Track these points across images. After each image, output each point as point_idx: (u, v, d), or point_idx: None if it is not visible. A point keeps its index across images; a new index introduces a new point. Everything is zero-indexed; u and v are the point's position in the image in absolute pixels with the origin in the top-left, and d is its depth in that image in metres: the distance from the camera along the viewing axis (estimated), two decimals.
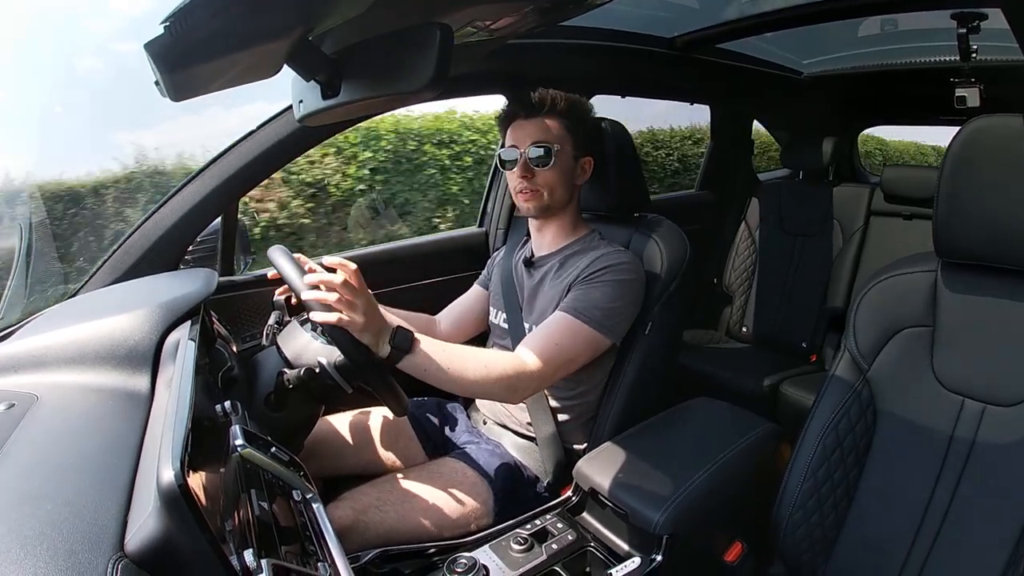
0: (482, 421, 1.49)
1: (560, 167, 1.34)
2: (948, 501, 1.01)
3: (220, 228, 1.51)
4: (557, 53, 1.78)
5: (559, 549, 1.11)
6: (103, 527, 0.55)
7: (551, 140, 1.33)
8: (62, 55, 4.10)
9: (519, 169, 1.34)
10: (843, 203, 2.52)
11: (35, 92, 3.78)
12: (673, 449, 1.27)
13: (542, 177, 1.34)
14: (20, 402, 0.80)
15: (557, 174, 1.34)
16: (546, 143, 1.32)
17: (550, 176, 1.34)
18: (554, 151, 1.32)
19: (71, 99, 4.00)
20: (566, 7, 1.19)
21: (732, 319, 2.75)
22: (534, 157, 1.32)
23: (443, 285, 1.89)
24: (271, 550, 0.67)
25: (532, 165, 1.33)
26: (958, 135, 1.00)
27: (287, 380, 1.04)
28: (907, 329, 1.08)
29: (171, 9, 0.62)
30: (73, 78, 4.11)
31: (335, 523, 0.88)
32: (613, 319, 1.27)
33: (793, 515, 1.11)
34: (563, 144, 1.34)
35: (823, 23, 1.83)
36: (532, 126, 1.34)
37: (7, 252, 1.36)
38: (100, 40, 4.83)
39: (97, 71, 4.58)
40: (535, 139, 1.33)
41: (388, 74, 0.76)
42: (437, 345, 1.10)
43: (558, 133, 1.34)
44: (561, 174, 1.35)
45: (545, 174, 1.34)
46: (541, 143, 1.32)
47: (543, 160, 1.32)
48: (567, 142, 1.35)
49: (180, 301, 1.01)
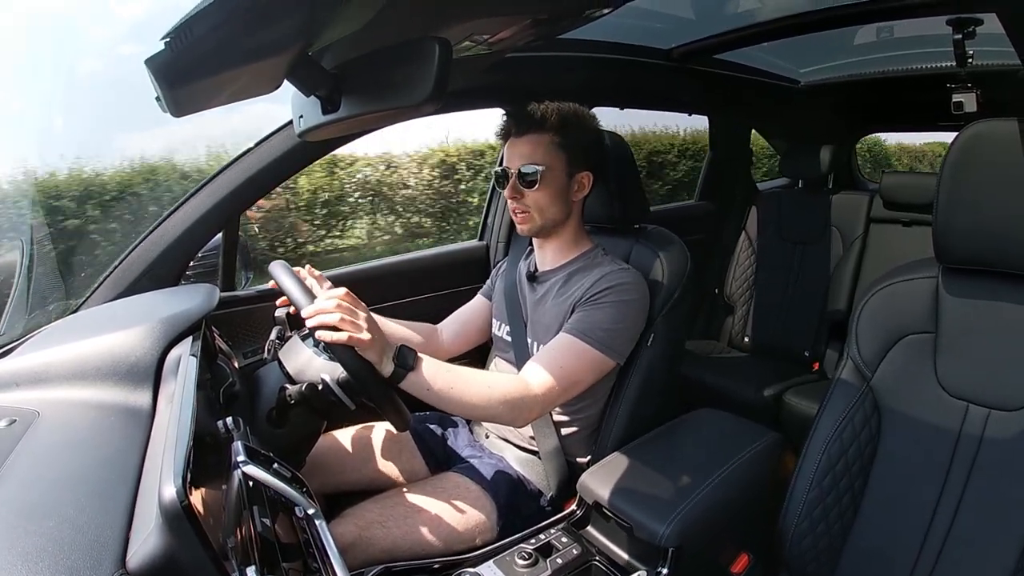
0: (484, 435, 1.48)
1: (550, 187, 1.32)
2: (954, 508, 1.00)
3: (221, 243, 1.52)
4: (556, 66, 1.79)
5: (564, 563, 1.10)
6: (105, 544, 0.55)
7: (539, 160, 1.30)
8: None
9: (508, 189, 1.33)
10: (842, 211, 2.53)
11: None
12: (677, 461, 1.26)
13: (531, 197, 1.32)
14: (21, 418, 0.80)
15: (547, 194, 1.32)
16: (534, 163, 1.30)
17: (539, 196, 1.32)
18: (541, 172, 1.30)
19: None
20: (564, 20, 1.20)
21: (734, 329, 2.75)
22: (522, 177, 1.31)
23: (444, 299, 1.88)
24: (274, 567, 0.67)
25: (521, 185, 1.32)
26: (956, 140, 1.00)
27: (289, 396, 1.04)
28: (909, 336, 1.08)
29: (171, 25, 0.62)
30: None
31: (338, 539, 0.87)
32: (617, 340, 1.27)
33: (799, 525, 1.10)
34: (553, 163, 1.31)
35: (819, 32, 1.84)
36: (523, 144, 1.32)
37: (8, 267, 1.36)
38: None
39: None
40: (524, 159, 1.31)
41: (388, 89, 0.76)
42: (441, 366, 1.10)
43: (548, 151, 1.31)
44: (552, 193, 1.33)
45: (534, 195, 1.32)
46: (530, 162, 1.30)
47: (530, 180, 1.30)
48: (558, 160, 1.32)
49: (181, 317, 1.00)
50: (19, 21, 3.57)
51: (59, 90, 4.06)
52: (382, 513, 1.21)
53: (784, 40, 1.96)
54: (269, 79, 0.80)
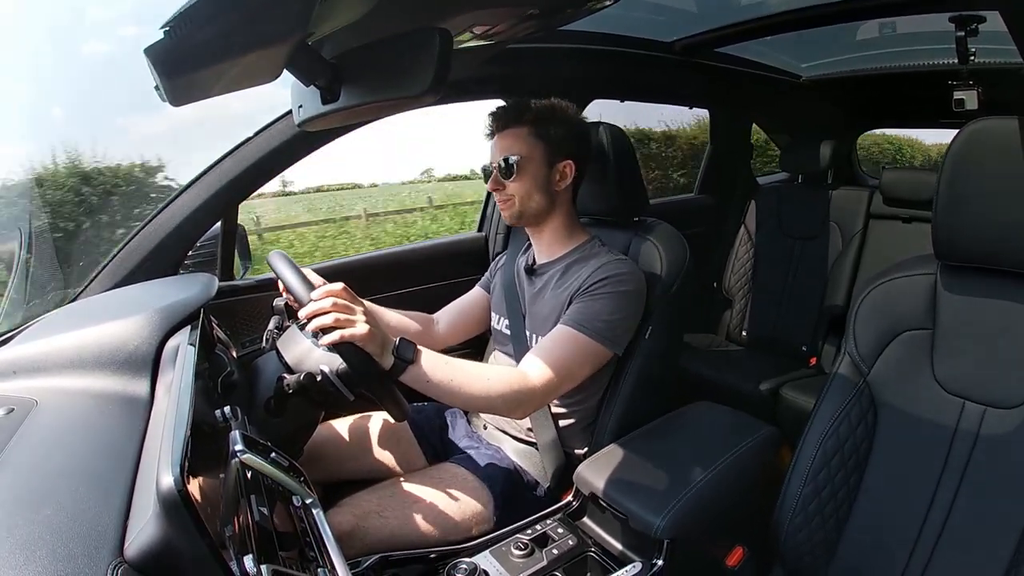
0: (482, 426, 1.49)
1: (529, 176, 1.34)
2: (949, 504, 1.00)
3: (220, 232, 1.51)
4: (556, 58, 1.78)
5: (560, 554, 1.11)
6: (102, 532, 0.55)
7: (517, 151, 1.33)
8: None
9: (492, 182, 1.36)
10: (842, 206, 2.52)
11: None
12: (674, 453, 1.26)
13: (512, 187, 1.35)
14: (20, 407, 0.80)
15: (526, 182, 1.34)
16: (511, 154, 1.33)
17: (518, 185, 1.34)
18: (518, 162, 1.32)
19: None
20: (565, 12, 1.19)
21: (732, 323, 2.75)
22: (501, 169, 1.34)
23: (442, 290, 1.88)
24: (271, 556, 0.67)
25: (501, 177, 1.35)
26: (957, 137, 1.00)
27: (287, 385, 1.04)
28: (907, 332, 1.08)
29: (171, 14, 0.62)
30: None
31: (335, 529, 0.88)
32: (615, 330, 1.27)
33: (794, 519, 1.11)
34: (531, 152, 1.34)
35: (822, 27, 1.83)
36: (503, 139, 1.36)
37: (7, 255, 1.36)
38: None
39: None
40: (503, 151, 1.34)
41: (388, 79, 0.76)
42: (440, 358, 1.10)
43: (526, 142, 1.34)
44: (531, 182, 1.35)
45: (513, 184, 1.34)
46: (507, 154, 1.33)
47: (507, 172, 1.33)
48: (536, 149, 1.34)
49: (179, 306, 1.00)
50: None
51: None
52: (379, 503, 1.22)
53: (786, 34, 1.96)
54: (269, 68, 0.79)
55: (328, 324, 0.98)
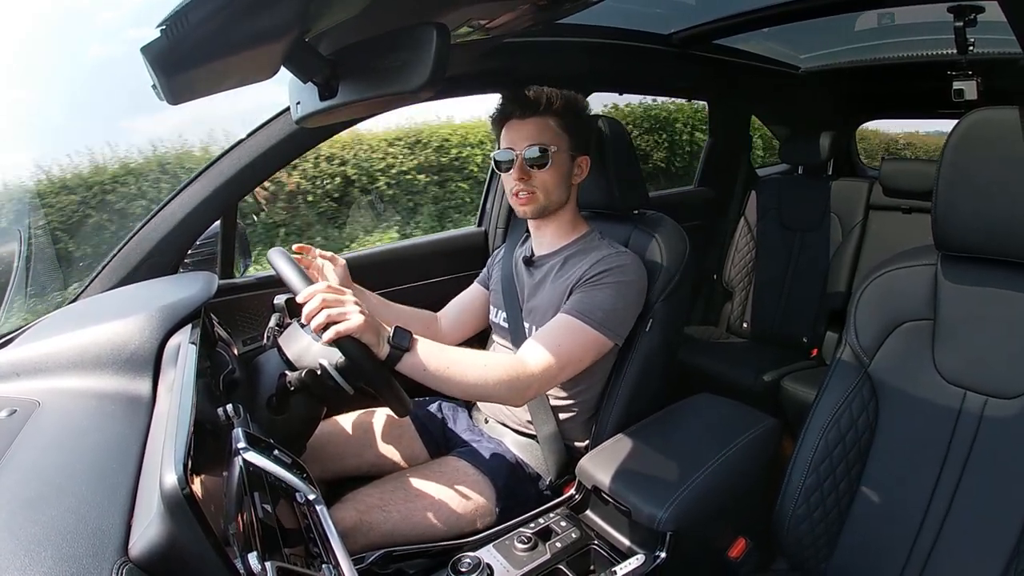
0: (483, 420, 1.49)
1: (557, 167, 1.32)
2: (951, 494, 1.01)
3: (219, 231, 1.51)
4: (554, 51, 1.77)
5: (563, 547, 1.11)
6: (107, 532, 0.55)
7: (547, 140, 1.30)
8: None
9: (516, 171, 1.32)
10: (841, 197, 2.52)
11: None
12: (675, 446, 1.27)
13: (539, 178, 1.32)
14: (22, 408, 0.80)
15: (554, 175, 1.32)
16: (542, 143, 1.30)
17: (547, 177, 1.32)
18: (551, 152, 1.30)
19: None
20: (562, 5, 1.18)
21: (733, 315, 2.75)
22: (530, 158, 1.30)
23: (443, 285, 1.89)
24: (275, 553, 0.67)
25: (528, 166, 1.31)
26: (956, 128, 0.99)
27: (289, 382, 1.04)
28: (908, 323, 1.08)
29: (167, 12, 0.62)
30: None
31: (339, 524, 0.88)
32: (616, 321, 1.27)
33: (796, 510, 1.11)
34: (559, 144, 1.32)
35: (820, 18, 1.83)
36: (528, 126, 1.32)
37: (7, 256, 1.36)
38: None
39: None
40: (531, 140, 1.30)
41: (385, 74, 0.76)
42: (436, 346, 1.10)
43: (554, 132, 1.32)
44: (558, 175, 1.33)
45: (542, 175, 1.31)
46: (537, 143, 1.30)
47: (540, 161, 1.30)
48: (563, 141, 1.32)
49: (180, 305, 1.00)
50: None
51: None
52: (382, 498, 1.22)
53: (784, 26, 1.95)
54: (266, 66, 0.79)
55: (323, 322, 0.98)
